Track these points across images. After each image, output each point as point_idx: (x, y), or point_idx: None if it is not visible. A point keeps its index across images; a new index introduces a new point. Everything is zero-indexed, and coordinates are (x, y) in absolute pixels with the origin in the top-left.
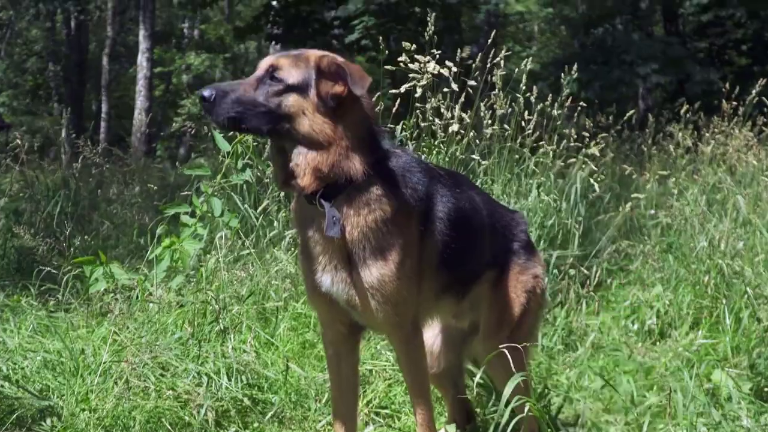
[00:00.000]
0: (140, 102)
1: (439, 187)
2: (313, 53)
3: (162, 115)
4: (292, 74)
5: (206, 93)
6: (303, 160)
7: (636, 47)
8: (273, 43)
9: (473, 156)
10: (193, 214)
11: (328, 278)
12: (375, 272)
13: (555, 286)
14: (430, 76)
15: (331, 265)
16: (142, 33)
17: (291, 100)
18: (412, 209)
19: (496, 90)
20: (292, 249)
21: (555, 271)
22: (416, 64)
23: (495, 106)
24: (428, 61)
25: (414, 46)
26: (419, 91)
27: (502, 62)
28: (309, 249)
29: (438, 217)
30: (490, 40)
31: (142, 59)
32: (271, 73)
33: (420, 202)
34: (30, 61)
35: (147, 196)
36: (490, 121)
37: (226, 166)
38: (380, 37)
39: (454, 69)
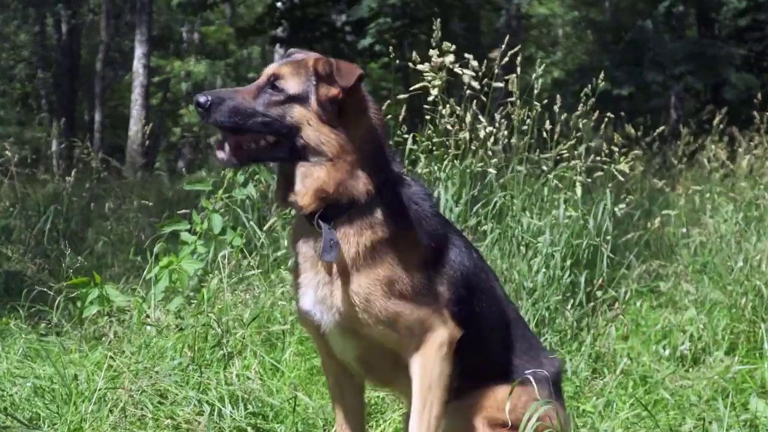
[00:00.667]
0: (136, 111)
1: (454, 234)
2: (312, 57)
3: (160, 125)
4: (292, 84)
5: (201, 99)
6: (307, 178)
7: (669, 49)
8: (278, 46)
9: (489, 170)
10: (193, 232)
11: (310, 295)
12: (364, 286)
13: (582, 309)
14: (444, 75)
15: (315, 281)
16: (138, 37)
17: (295, 112)
18: (417, 239)
19: (514, 98)
20: None
21: (582, 293)
22: (428, 63)
23: (512, 115)
24: (443, 56)
25: (436, 51)
26: (432, 94)
27: (518, 68)
28: (298, 268)
29: (450, 263)
30: (504, 45)
31: (138, 66)
32: (272, 81)
33: (428, 237)
34: (18, 68)
35: (144, 211)
36: (506, 132)
37: (228, 181)
38: (393, 42)
39: (474, 68)
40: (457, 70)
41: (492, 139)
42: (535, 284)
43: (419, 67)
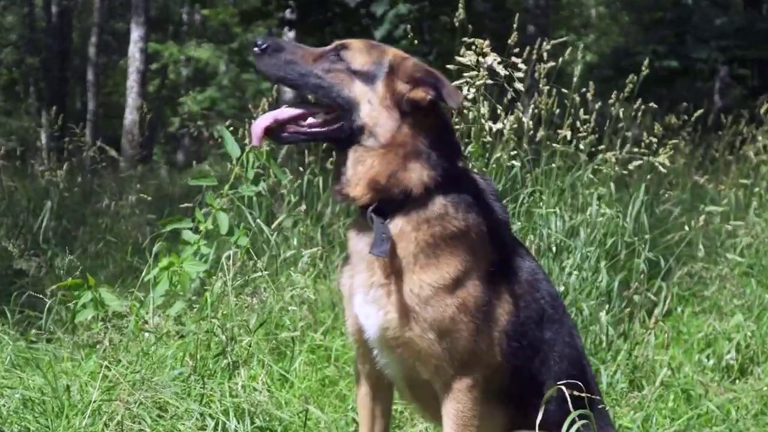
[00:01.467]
0: (132, 100)
1: (524, 252)
2: (394, 49)
3: (157, 115)
4: (358, 59)
5: (260, 41)
6: (359, 165)
7: (715, 25)
8: (286, 29)
9: (514, 162)
10: (196, 230)
11: (361, 296)
12: (423, 285)
13: (618, 314)
14: (485, 74)
15: (367, 283)
16: (134, 20)
17: (356, 87)
18: (484, 238)
19: (542, 85)
20: (311, 270)
21: (618, 297)
22: (470, 57)
23: (540, 104)
24: (482, 54)
25: (475, 41)
26: (470, 92)
27: (545, 53)
28: (351, 266)
29: (518, 279)
30: (508, 35)
31: (134, 50)
32: (338, 50)
33: (496, 247)
34: (4, 52)
35: (142, 208)
36: (532, 122)
37: (235, 175)
38: (412, 26)
39: (521, 65)
40: (499, 68)
41: (521, 129)
42: (567, 288)
43: (463, 60)
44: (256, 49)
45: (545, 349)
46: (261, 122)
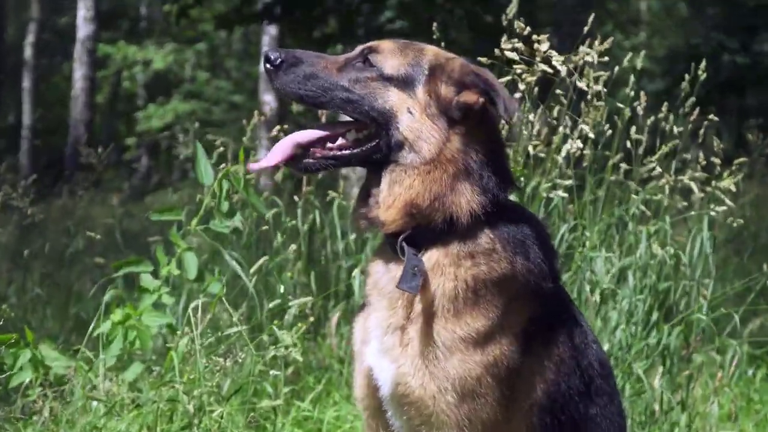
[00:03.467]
0: (77, 112)
1: (573, 308)
2: (434, 48)
3: (108, 130)
4: (391, 62)
5: (272, 55)
6: (396, 185)
7: None
8: (266, 24)
9: (557, 193)
10: (156, 274)
11: (375, 344)
12: (451, 334)
13: (674, 378)
14: (539, 68)
15: (385, 323)
16: (81, 14)
17: (392, 96)
18: (529, 288)
19: (590, 97)
20: (299, 325)
21: (675, 357)
22: (517, 49)
23: (585, 121)
24: (535, 42)
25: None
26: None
27: (594, 57)
28: (368, 307)
29: (562, 340)
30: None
31: (81, 51)
32: (366, 55)
33: (541, 299)
34: None
35: (90, 247)
36: (578, 143)
37: (206, 207)
38: (421, 22)
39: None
40: (556, 62)
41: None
42: (612, 345)
43: (509, 54)
44: (268, 65)
45: (589, 429)
46: (280, 150)
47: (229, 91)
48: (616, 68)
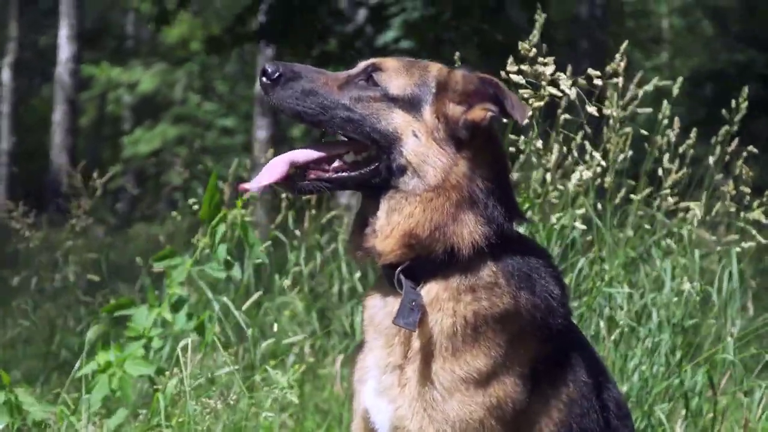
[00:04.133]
0: (60, 138)
1: (586, 344)
2: (437, 64)
3: (93, 156)
4: (396, 82)
5: (270, 67)
6: (395, 213)
7: None
8: (263, 45)
9: (575, 224)
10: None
11: (372, 384)
12: (451, 374)
13: (699, 422)
14: (547, 92)
15: (383, 363)
16: (63, 33)
17: (396, 118)
18: (535, 325)
19: (613, 122)
20: (297, 366)
21: (698, 397)
22: (523, 71)
23: (605, 147)
24: (540, 64)
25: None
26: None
27: (620, 80)
28: (366, 345)
29: (573, 379)
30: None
31: (62, 72)
32: (369, 73)
33: (549, 335)
34: None
35: (72, 282)
36: (588, 172)
37: (200, 250)
38: (428, 40)
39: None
40: (564, 86)
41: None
42: (632, 385)
43: (514, 78)
44: (264, 78)
45: None
46: (274, 169)
47: (222, 114)
48: (641, 92)
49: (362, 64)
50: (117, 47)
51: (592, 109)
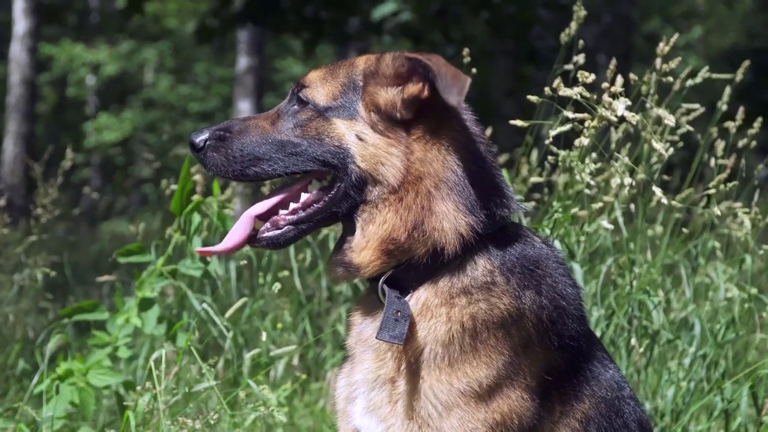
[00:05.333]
0: (15, 124)
1: (603, 355)
2: (366, 55)
3: (54, 144)
4: (322, 91)
5: (196, 138)
6: (369, 225)
7: None
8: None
9: (603, 223)
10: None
11: (361, 403)
12: (448, 388)
13: None
14: (603, 112)
15: (373, 377)
16: (19, 6)
17: (335, 127)
18: (542, 330)
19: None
20: (286, 380)
21: (744, 421)
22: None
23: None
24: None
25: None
26: (580, 143)
27: (659, 63)
28: (352, 361)
29: (589, 394)
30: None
31: (18, 51)
32: (296, 93)
33: (564, 339)
34: None
35: (30, 287)
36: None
37: (175, 246)
38: (432, 16)
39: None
40: (628, 114)
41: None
42: (666, 403)
43: (566, 92)
44: (195, 152)
45: None
46: (237, 230)
47: (199, 98)
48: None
49: (289, 90)
50: (80, 23)
51: (658, 147)
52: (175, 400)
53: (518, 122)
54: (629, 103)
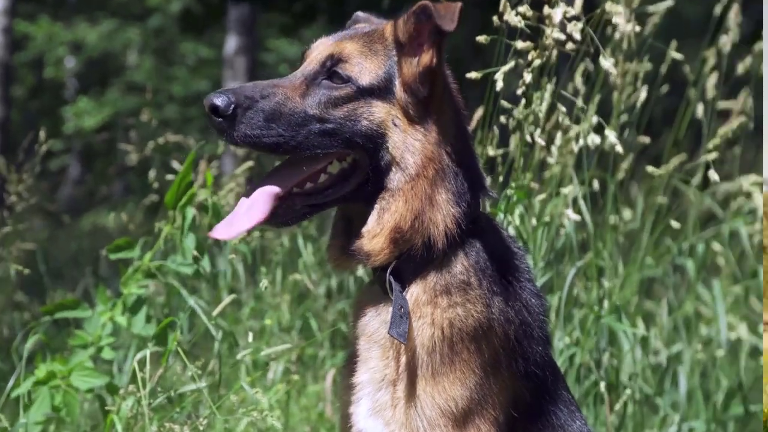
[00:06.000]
0: None
1: (567, 397)
2: (388, 25)
3: (31, 129)
4: (366, 69)
5: (219, 101)
6: (386, 213)
7: None
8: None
9: (568, 213)
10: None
11: (366, 404)
12: (431, 404)
13: None
14: (552, 42)
15: (379, 377)
16: None
17: (376, 111)
18: (511, 349)
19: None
20: (280, 381)
21: None
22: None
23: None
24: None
25: None
26: (527, 76)
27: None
28: (358, 358)
29: (551, 424)
30: None
31: None
32: (331, 67)
33: (527, 362)
34: None
35: (5, 282)
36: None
37: (165, 239)
38: None
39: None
40: (575, 29)
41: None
42: None
43: (512, 19)
44: (217, 117)
45: None
46: (254, 209)
47: (185, 80)
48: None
49: (316, 57)
50: (57, 1)
51: (608, 65)
52: (161, 404)
53: (473, 74)
54: (575, 13)
